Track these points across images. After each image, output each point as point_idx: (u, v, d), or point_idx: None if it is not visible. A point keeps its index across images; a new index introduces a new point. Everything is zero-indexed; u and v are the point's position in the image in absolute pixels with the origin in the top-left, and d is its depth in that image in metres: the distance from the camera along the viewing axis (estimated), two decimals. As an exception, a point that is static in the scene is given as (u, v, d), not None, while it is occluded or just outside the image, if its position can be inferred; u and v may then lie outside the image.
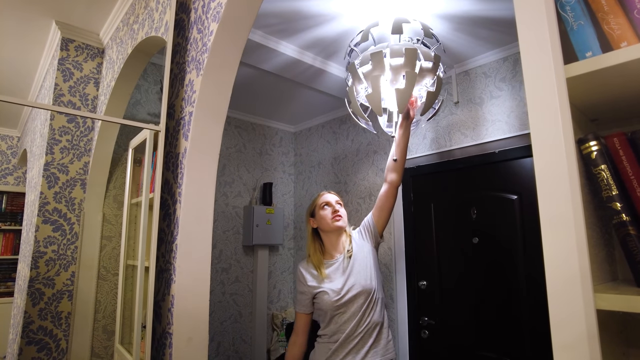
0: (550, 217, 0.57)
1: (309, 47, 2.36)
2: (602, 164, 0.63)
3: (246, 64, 2.43)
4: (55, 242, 2.18)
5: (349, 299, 1.65)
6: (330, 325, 1.67)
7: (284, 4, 1.92)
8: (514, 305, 2.17)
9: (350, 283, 1.67)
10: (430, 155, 2.66)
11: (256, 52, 2.29)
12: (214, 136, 1.27)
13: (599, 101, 0.70)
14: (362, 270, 1.71)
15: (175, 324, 1.19)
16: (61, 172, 2.23)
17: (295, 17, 2.04)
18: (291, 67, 2.50)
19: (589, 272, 0.52)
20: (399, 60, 1.64)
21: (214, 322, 3.03)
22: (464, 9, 1.94)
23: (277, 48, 2.27)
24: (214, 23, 1.20)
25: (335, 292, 1.66)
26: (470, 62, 2.50)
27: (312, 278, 1.74)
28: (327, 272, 1.73)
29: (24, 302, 2.08)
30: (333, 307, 1.65)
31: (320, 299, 1.69)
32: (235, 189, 3.33)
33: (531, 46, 0.62)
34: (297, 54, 2.37)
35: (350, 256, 1.75)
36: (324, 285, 1.69)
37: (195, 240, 1.24)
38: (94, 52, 2.45)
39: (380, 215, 1.82)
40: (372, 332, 1.64)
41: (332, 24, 2.11)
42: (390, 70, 1.68)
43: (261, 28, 2.14)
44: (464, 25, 2.09)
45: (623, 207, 0.62)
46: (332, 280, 1.70)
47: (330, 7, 1.96)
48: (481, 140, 2.39)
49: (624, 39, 0.58)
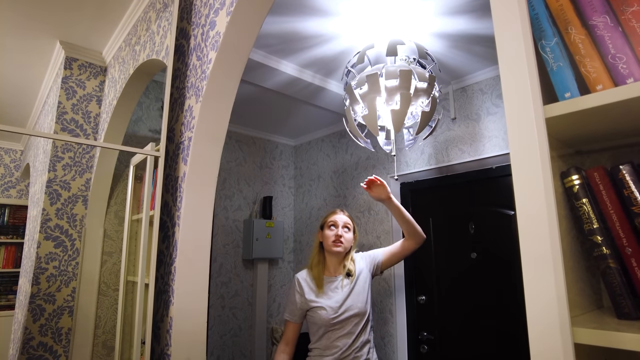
0: (529, 251, 0.59)
1: (308, 66, 2.42)
2: (583, 198, 0.66)
3: (248, 82, 2.48)
4: (57, 258, 2.20)
5: (346, 318, 1.70)
6: (322, 339, 1.72)
7: (284, 25, 1.98)
8: (513, 320, 2.17)
9: (348, 303, 1.72)
10: (428, 171, 2.69)
11: (258, 71, 2.35)
12: (213, 161, 1.30)
13: (581, 136, 0.73)
14: (360, 293, 1.76)
15: (173, 346, 1.20)
16: (63, 189, 2.26)
17: (294, 38, 2.09)
18: (292, 85, 2.55)
19: (566, 309, 0.55)
20: (394, 82, 1.68)
21: (213, 336, 3.03)
22: (460, 27, 1.98)
23: (278, 67, 2.34)
24: (213, 51, 1.24)
25: (332, 310, 1.70)
26: (467, 78, 2.54)
27: (310, 290, 1.77)
28: (325, 288, 1.77)
29: (25, 318, 2.10)
30: (329, 324, 1.69)
31: (315, 313, 1.72)
32: (235, 202, 3.36)
33: (512, 87, 0.65)
34: (297, 72, 2.43)
35: (350, 276, 1.79)
36: (321, 301, 1.73)
37: (193, 264, 1.26)
38: (96, 71, 2.49)
39: (390, 260, 1.92)
40: (363, 348, 1.72)
41: (331, 44, 2.16)
42: (385, 92, 1.72)
43: (262, 48, 2.20)
44: (461, 42, 2.13)
45: (603, 240, 0.64)
46: (330, 297, 1.74)
47: (328, 28, 2.00)
48: (479, 156, 2.42)
49: (599, 82, 0.60)
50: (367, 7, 1.84)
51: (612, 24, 0.60)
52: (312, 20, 1.94)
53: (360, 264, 1.86)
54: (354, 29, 2.02)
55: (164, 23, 1.67)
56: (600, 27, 0.61)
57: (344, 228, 1.83)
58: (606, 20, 0.60)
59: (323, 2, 1.80)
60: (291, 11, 1.86)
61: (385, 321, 2.75)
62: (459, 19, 1.91)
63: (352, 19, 1.93)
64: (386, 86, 1.69)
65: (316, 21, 1.95)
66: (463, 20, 1.92)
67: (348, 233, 1.84)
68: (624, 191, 0.63)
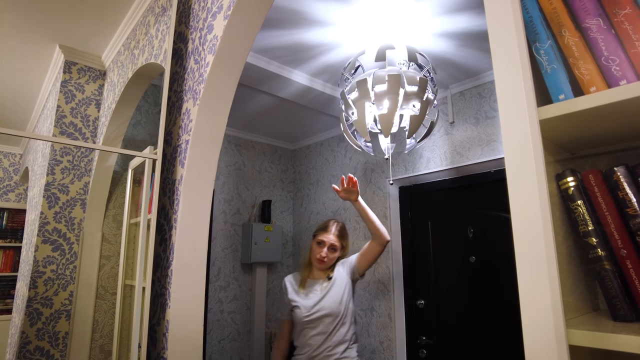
0: (524, 255, 0.59)
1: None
2: (578, 200, 0.66)
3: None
4: (55, 262, 2.20)
5: (318, 317, 1.84)
6: (300, 338, 1.89)
7: (288, 37, 2.08)
8: (512, 324, 2.17)
9: (321, 304, 1.87)
10: (427, 175, 2.69)
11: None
12: (210, 165, 1.30)
13: (576, 139, 0.73)
14: (336, 294, 1.89)
15: (169, 349, 1.20)
16: (62, 192, 2.26)
17: (300, 48, 2.20)
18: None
19: (561, 311, 0.54)
20: (383, 87, 1.71)
21: (211, 341, 3.02)
22: (463, 25, 1.96)
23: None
24: (210, 55, 1.24)
25: (305, 309, 1.87)
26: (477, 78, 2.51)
27: (292, 291, 1.96)
28: (307, 289, 1.94)
29: (22, 322, 2.09)
30: (302, 322, 1.86)
31: (293, 312, 1.92)
32: (234, 206, 3.35)
33: (506, 89, 0.65)
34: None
35: (330, 279, 1.95)
36: (298, 301, 1.92)
37: (190, 267, 1.26)
38: (95, 74, 2.50)
39: (362, 261, 1.98)
40: (337, 347, 1.83)
41: (333, 52, 2.24)
42: (374, 97, 1.75)
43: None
44: (469, 40, 2.09)
45: (599, 242, 0.64)
46: (307, 298, 1.91)
47: (328, 37, 2.07)
48: (477, 159, 2.42)
49: (593, 84, 0.61)
50: (359, 15, 1.90)
51: (605, 27, 0.60)
52: (313, 30, 2.02)
53: (339, 268, 2.00)
54: (353, 36, 2.07)
55: (163, 27, 1.68)
56: (593, 30, 0.61)
57: (330, 249, 1.97)
58: (599, 23, 0.61)
59: (318, 14, 1.88)
60: (292, 24, 1.96)
61: (384, 325, 2.74)
62: (459, 17, 1.89)
63: (349, 28, 2.00)
64: (375, 91, 1.72)
65: (316, 31, 2.03)
66: (464, 18, 1.89)
67: (333, 254, 1.98)
68: (619, 193, 0.63)
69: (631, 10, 0.58)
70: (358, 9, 1.85)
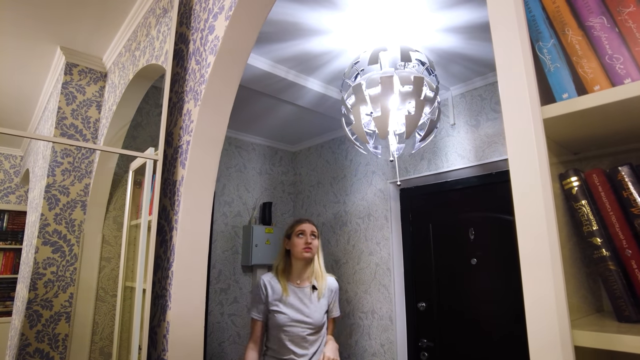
0: (528, 255, 0.59)
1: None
2: (582, 200, 0.65)
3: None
4: (55, 264, 2.19)
5: (299, 327, 1.84)
6: (275, 341, 1.87)
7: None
8: (513, 327, 2.16)
9: (306, 313, 1.86)
10: (428, 176, 2.68)
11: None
12: (211, 165, 1.30)
13: (579, 137, 0.72)
14: (321, 308, 1.92)
15: (170, 351, 1.19)
16: (62, 194, 2.26)
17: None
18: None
19: (566, 312, 0.54)
20: (376, 90, 1.72)
21: (212, 344, 3.00)
22: (465, 18, 1.92)
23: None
24: (212, 55, 1.24)
25: (288, 317, 1.84)
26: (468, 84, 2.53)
27: (273, 293, 1.89)
28: (290, 295, 1.90)
29: (21, 324, 2.08)
30: (281, 329, 1.84)
31: (274, 315, 1.86)
32: (234, 208, 3.35)
33: (509, 88, 0.64)
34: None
35: (317, 291, 1.94)
36: (281, 306, 1.87)
37: (191, 268, 1.25)
38: (96, 76, 2.50)
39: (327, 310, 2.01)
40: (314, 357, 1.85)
41: (339, 60, 2.28)
42: (370, 100, 1.76)
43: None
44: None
45: (603, 242, 0.63)
46: (291, 305, 1.87)
47: (329, 45, 2.10)
48: (478, 161, 2.42)
49: (596, 82, 0.60)
50: (356, 20, 1.92)
51: (608, 25, 0.60)
52: (315, 39, 2.06)
53: (329, 289, 2.00)
54: (355, 42, 2.10)
55: (164, 28, 1.68)
56: (596, 29, 0.61)
57: (312, 235, 1.96)
58: (602, 22, 0.60)
59: (314, 23, 1.91)
60: (295, 35, 2.01)
61: (385, 328, 2.73)
62: (459, 10, 1.85)
63: (347, 35, 2.04)
64: (370, 95, 1.73)
65: (318, 40, 2.07)
66: (465, 11, 1.85)
67: (315, 240, 1.97)
68: (623, 193, 0.62)
69: (635, 8, 0.57)
70: (353, 15, 1.88)
